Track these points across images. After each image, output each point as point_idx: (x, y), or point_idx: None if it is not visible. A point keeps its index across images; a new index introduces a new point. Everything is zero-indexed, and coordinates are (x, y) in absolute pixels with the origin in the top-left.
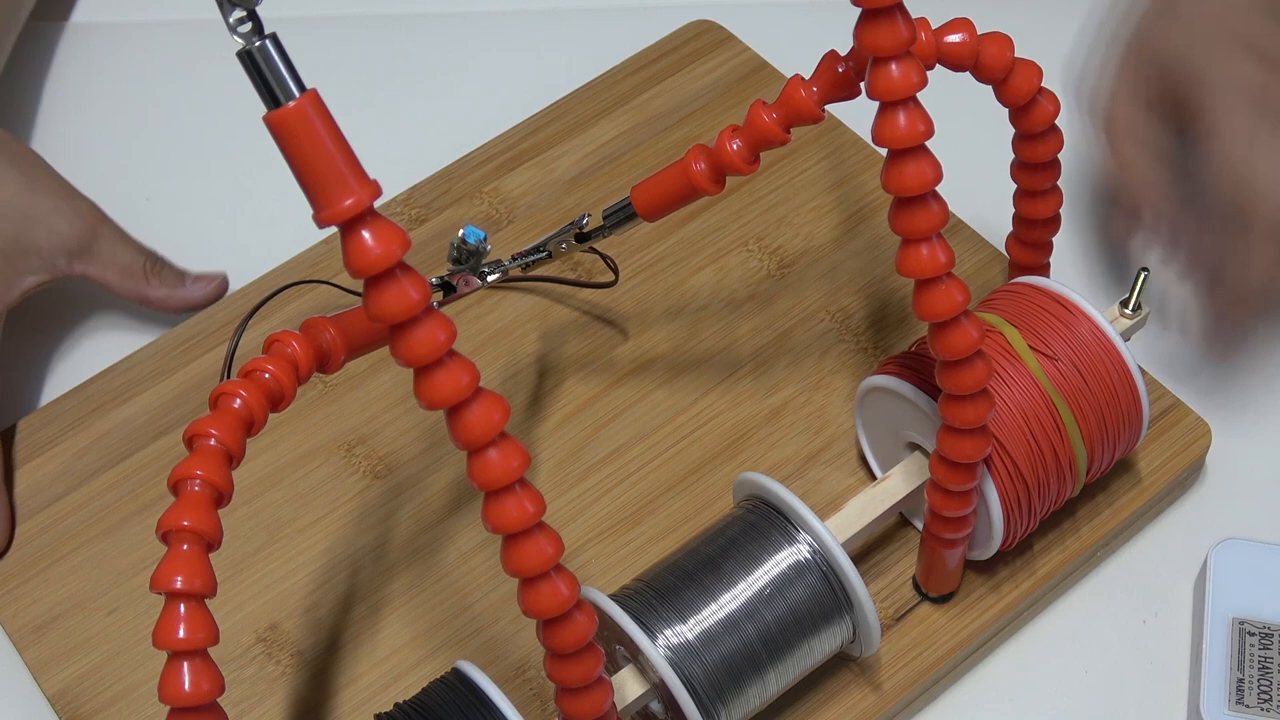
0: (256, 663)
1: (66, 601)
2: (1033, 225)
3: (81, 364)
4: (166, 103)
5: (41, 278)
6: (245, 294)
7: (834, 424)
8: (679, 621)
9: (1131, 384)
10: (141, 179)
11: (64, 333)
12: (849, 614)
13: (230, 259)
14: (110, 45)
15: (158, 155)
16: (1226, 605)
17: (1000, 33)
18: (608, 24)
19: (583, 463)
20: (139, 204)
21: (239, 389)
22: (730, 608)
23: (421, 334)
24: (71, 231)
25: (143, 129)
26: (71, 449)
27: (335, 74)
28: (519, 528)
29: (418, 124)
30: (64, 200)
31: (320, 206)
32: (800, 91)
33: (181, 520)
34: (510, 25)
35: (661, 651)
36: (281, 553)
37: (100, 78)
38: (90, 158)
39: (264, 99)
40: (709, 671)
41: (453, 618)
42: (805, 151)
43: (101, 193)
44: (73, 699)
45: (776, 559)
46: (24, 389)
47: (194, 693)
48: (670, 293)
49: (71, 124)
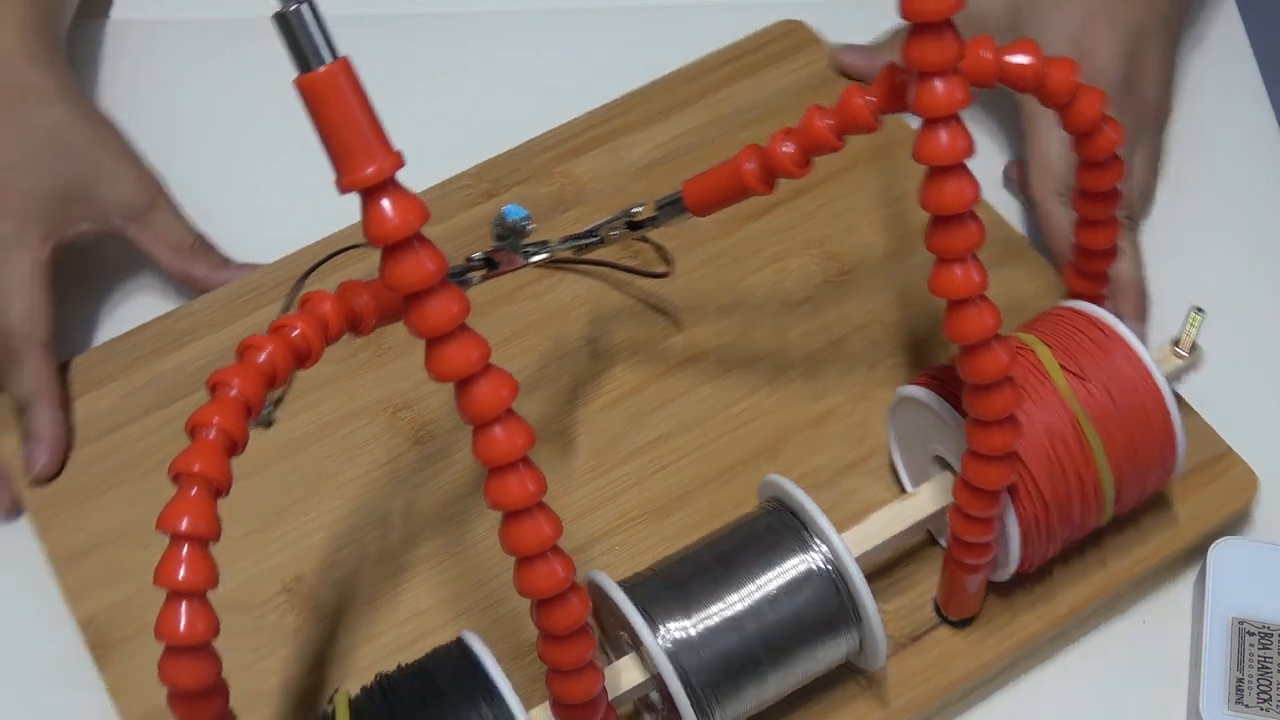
0: (278, 611)
1: (107, 533)
2: (1091, 255)
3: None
4: (167, 99)
5: (95, 227)
6: (311, 251)
7: (875, 435)
8: (683, 615)
9: (1164, 412)
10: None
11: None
12: (856, 627)
13: (240, 249)
14: (112, 44)
15: (168, 149)
16: (1226, 605)
17: (1066, 58)
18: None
19: (622, 449)
20: None
21: (266, 343)
22: (736, 607)
23: (435, 305)
24: (131, 194)
25: (144, 129)
26: (127, 386)
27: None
28: (519, 506)
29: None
30: (130, 166)
31: (343, 172)
32: (857, 100)
33: (193, 465)
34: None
35: (661, 643)
36: (317, 506)
37: (99, 77)
38: None
39: (296, 63)
40: (707, 667)
41: (475, 588)
42: (880, 161)
43: None
44: (101, 626)
45: (789, 564)
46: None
47: (189, 633)
48: (728, 289)
49: None
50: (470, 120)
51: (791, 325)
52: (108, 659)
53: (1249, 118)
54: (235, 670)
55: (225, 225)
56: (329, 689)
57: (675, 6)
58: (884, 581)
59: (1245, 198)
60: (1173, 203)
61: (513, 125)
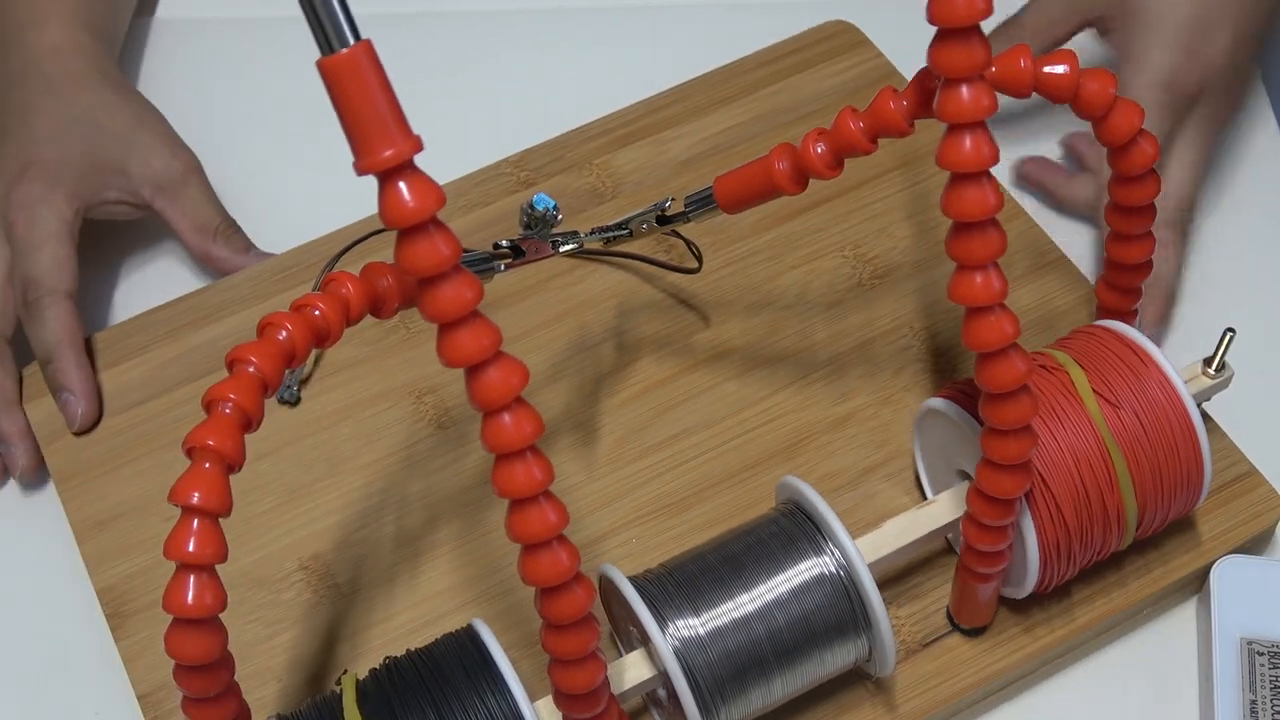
0: (295, 588)
1: (130, 502)
2: (1123, 270)
3: (187, 282)
4: (172, 99)
5: (124, 198)
6: (348, 232)
7: (896, 440)
8: (692, 614)
9: (1195, 444)
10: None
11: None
12: (866, 633)
13: (275, 235)
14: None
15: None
16: (1234, 625)
17: (1104, 69)
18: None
19: (642, 442)
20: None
21: (286, 321)
22: (746, 608)
23: (448, 291)
24: (163, 169)
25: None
26: (159, 358)
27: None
28: (525, 494)
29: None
30: (165, 144)
31: (361, 154)
32: (890, 104)
33: (207, 439)
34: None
35: (670, 640)
36: (337, 486)
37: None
38: None
39: (319, 44)
40: (713, 666)
41: (488, 574)
42: (917, 165)
43: None
44: (118, 595)
45: (801, 567)
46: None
47: (196, 605)
48: (758, 288)
49: None
50: (521, 110)
51: (818, 327)
52: (123, 629)
53: (1249, 117)
54: (249, 645)
55: (260, 211)
56: (338, 669)
57: (723, 6)
58: (899, 587)
59: (1247, 198)
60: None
61: (560, 116)
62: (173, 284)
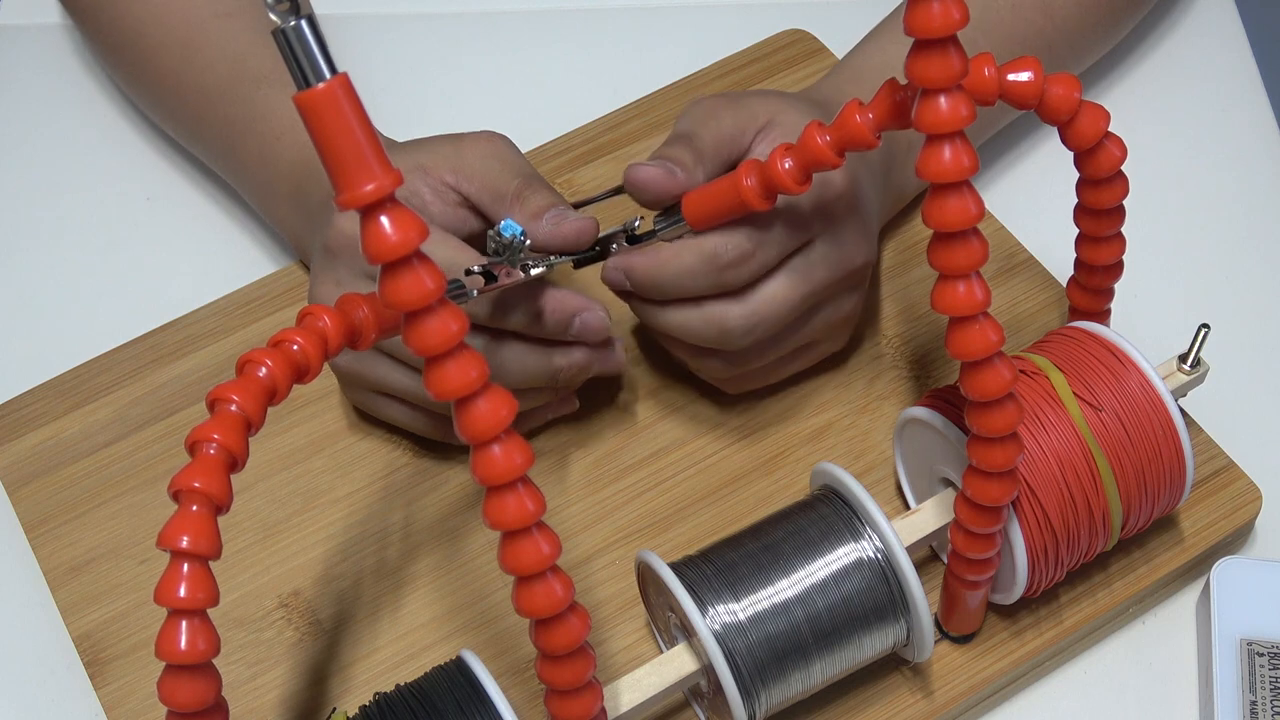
0: (276, 627)
1: (102, 546)
2: (1094, 271)
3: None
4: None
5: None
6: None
7: (875, 450)
8: (731, 599)
9: (1177, 444)
10: (141, 179)
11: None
12: (905, 617)
13: (228, 261)
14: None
15: (157, 155)
16: (1233, 626)
17: (1068, 74)
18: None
19: (619, 463)
20: (139, 204)
21: (265, 357)
22: (786, 593)
23: (433, 324)
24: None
25: (143, 129)
26: (126, 398)
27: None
28: (518, 525)
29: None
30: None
31: (342, 189)
32: (855, 117)
33: (193, 481)
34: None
35: (710, 625)
36: (314, 521)
37: (100, 78)
38: (90, 157)
39: (295, 79)
40: (753, 649)
41: (472, 604)
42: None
43: (101, 192)
44: (96, 642)
45: (839, 552)
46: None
47: (190, 651)
48: None
49: (69, 124)
50: (473, 126)
51: None
52: (101, 676)
53: (1249, 118)
54: (232, 686)
55: (187, 236)
56: (327, 705)
57: (673, 8)
58: None
59: (1244, 200)
60: (1171, 204)
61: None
62: (135, 321)
